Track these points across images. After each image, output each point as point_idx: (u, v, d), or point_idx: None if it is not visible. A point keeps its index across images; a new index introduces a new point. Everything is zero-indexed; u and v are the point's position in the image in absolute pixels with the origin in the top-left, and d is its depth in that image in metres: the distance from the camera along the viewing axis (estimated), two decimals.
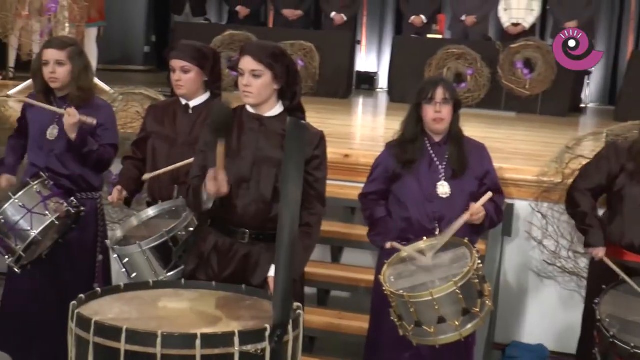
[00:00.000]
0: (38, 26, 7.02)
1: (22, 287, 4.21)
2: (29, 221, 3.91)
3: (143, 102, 5.61)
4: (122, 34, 10.97)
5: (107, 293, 3.03)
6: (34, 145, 4.20)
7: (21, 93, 7.15)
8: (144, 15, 11.49)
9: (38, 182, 4.01)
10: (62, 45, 4.13)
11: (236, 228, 3.25)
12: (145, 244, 3.52)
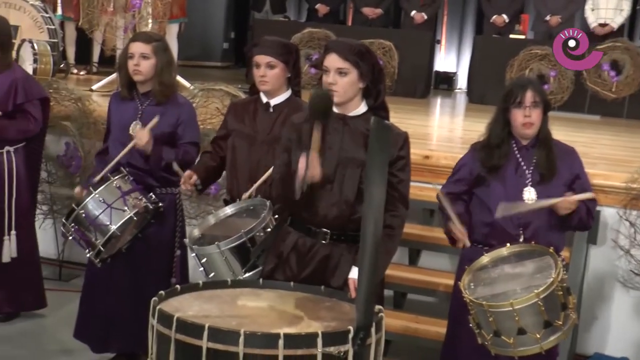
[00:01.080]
0: (122, 22, 7.10)
1: (101, 280, 4.25)
2: (108, 216, 3.95)
3: (223, 98, 5.61)
4: (201, 31, 11.06)
5: (186, 290, 3.02)
6: (116, 140, 4.22)
7: (104, 87, 7.28)
8: (223, 12, 11.57)
9: (118, 177, 4.04)
10: (148, 39, 4.15)
11: (317, 228, 3.21)
12: (224, 244, 3.50)
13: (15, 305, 5.00)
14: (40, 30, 6.92)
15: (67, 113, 5.80)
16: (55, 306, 5.19)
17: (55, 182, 5.85)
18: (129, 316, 4.19)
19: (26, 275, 4.99)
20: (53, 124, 5.41)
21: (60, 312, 5.16)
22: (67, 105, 5.83)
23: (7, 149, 4.81)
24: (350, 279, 3.12)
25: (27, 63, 6.23)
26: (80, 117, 5.74)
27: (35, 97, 4.84)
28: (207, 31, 11.32)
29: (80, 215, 3.96)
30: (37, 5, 7.15)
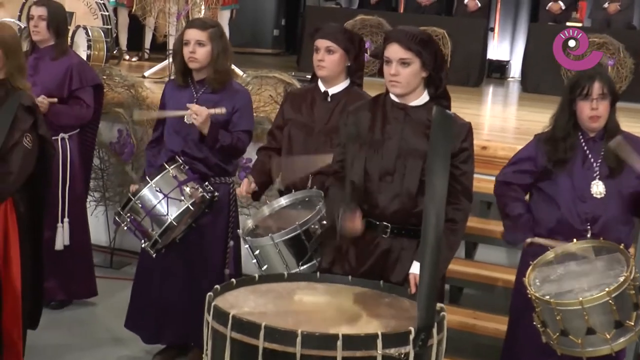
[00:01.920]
0: (175, 8, 7.07)
1: (154, 270, 4.22)
2: (165, 206, 3.91)
3: (276, 86, 5.54)
4: (252, 17, 11.01)
5: (242, 284, 2.97)
6: (171, 129, 4.17)
7: (156, 74, 7.26)
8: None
9: (174, 167, 3.99)
10: (204, 26, 4.09)
11: (377, 222, 3.12)
12: (278, 236, 3.43)
13: (68, 293, 5.01)
14: (95, 17, 6.92)
15: (120, 100, 5.79)
16: (106, 294, 5.18)
17: (107, 169, 5.85)
18: (182, 307, 4.17)
19: (78, 264, 4.99)
20: (106, 110, 5.40)
21: (111, 301, 5.16)
22: (120, 92, 5.81)
23: (62, 136, 4.81)
24: (411, 275, 3.03)
25: (81, 49, 6.23)
26: (133, 104, 5.72)
27: (89, 83, 4.84)
28: (258, 18, 11.27)
29: (137, 205, 3.93)
30: None
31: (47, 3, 4.84)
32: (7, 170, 3.62)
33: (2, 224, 3.75)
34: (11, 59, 3.75)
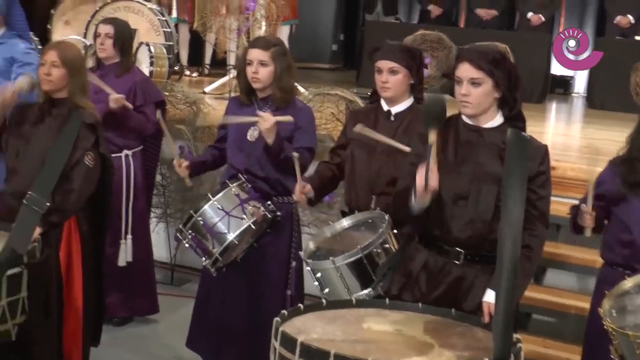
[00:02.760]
0: (235, 24, 7.08)
1: (216, 289, 4.17)
2: (226, 224, 3.86)
3: (338, 103, 5.48)
4: (311, 32, 10.98)
5: (309, 310, 2.90)
6: (234, 146, 4.13)
7: (217, 90, 7.26)
8: (333, 13, 11.48)
9: (236, 185, 3.95)
10: (267, 45, 4.04)
11: (450, 247, 3.02)
12: (339, 260, 3.35)
13: (130, 309, 5.01)
14: (157, 33, 6.95)
15: (181, 116, 5.80)
16: (167, 311, 5.17)
17: (169, 186, 5.85)
18: (243, 328, 4.11)
19: (140, 280, 4.99)
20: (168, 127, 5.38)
21: (172, 318, 5.14)
22: (182, 109, 5.82)
23: (125, 153, 4.84)
24: (485, 303, 2.92)
25: (144, 66, 6.26)
26: (194, 120, 5.72)
27: (152, 100, 4.89)
28: (317, 33, 11.24)
29: (198, 223, 3.89)
30: (155, 8, 7.19)
31: (113, 21, 4.88)
32: (69, 188, 3.64)
33: (66, 242, 3.77)
34: (75, 78, 3.78)
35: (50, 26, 7.53)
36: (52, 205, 3.56)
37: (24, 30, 5.12)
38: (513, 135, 2.94)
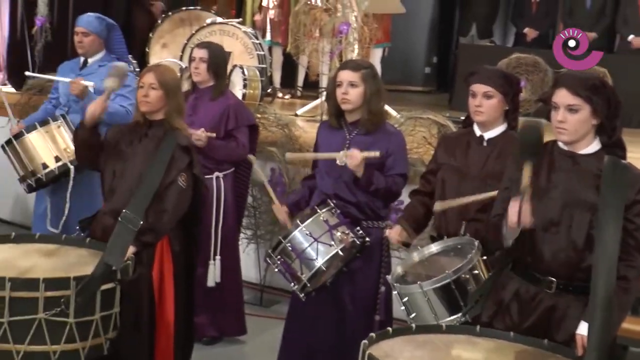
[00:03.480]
0: (328, 47, 7.12)
1: (305, 312, 4.17)
2: (315, 250, 3.86)
3: (430, 127, 5.43)
4: (403, 55, 10.95)
5: (398, 334, 2.88)
6: (323, 171, 4.14)
7: (309, 112, 7.31)
8: (426, 36, 11.43)
9: (325, 210, 3.95)
10: (357, 67, 4.05)
11: (542, 276, 2.94)
12: (427, 284, 3.31)
13: (219, 329, 5.06)
14: (250, 56, 7.06)
15: (273, 139, 5.84)
16: (255, 332, 5.19)
17: (259, 207, 5.90)
18: (331, 353, 4.09)
19: (229, 301, 5.04)
20: (260, 149, 5.46)
21: (260, 339, 5.16)
22: (274, 131, 5.87)
23: (217, 174, 4.91)
24: (578, 335, 2.83)
25: (237, 88, 6.36)
26: (286, 143, 5.76)
27: (244, 123, 4.94)
28: (409, 55, 11.21)
29: (287, 248, 3.91)
30: (249, 31, 7.31)
31: (208, 45, 4.97)
32: (162, 208, 3.71)
33: (158, 262, 3.84)
34: (171, 100, 3.87)
35: (148, 49, 7.74)
36: (146, 224, 3.64)
37: (123, 53, 5.28)
38: (610, 162, 2.86)
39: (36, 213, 5.26)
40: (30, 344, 3.20)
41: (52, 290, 3.19)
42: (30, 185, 4.87)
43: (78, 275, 3.26)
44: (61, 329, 3.23)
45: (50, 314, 3.20)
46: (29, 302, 3.18)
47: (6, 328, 3.16)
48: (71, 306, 3.23)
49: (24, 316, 3.18)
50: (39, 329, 3.20)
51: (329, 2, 7.02)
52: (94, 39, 5.11)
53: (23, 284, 3.18)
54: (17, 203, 7.55)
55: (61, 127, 4.87)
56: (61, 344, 3.25)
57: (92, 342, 3.34)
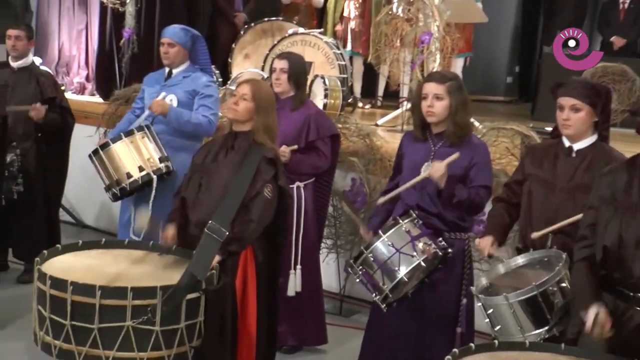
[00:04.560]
0: (410, 57, 7.09)
1: (385, 323, 4.14)
2: (397, 261, 3.85)
3: (513, 138, 5.35)
4: (485, 64, 10.81)
5: (481, 350, 2.84)
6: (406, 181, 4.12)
7: (389, 122, 7.28)
8: (508, 45, 11.25)
9: (408, 221, 3.93)
10: (442, 79, 4.02)
11: (631, 293, 2.86)
12: (513, 296, 3.26)
13: (299, 339, 5.08)
14: (332, 66, 7.08)
15: (354, 149, 5.85)
16: (335, 342, 5.20)
17: (340, 217, 5.90)
18: None
19: (310, 310, 5.06)
20: (341, 159, 5.46)
21: (340, 349, 5.16)
22: (355, 141, 5.87)
23: (298, 184, 4.93)
24: None
25: (318, 98, 6.38)
26: (367, 153, 5.76)
27: (326, 134, 4.95)
28: (491, 65, 11.05)
29: (369, 259, 3.90)
30: (330, 42, 7.34)
31: (288, 56, 5.01)
32: (248, 218, 3.75)
33: (242, 271, 3.87)
34: (260, 116, 3.91)
35: (230, 60, 7.84)
36: (231, 235, 3.69)
37: (207, 64, 5.35)
38: None
39: (121, 221, 5.38)
40: (119, 351, 3.28)
41: (140, 299, 3.27)
42: (115, 194, 4.98)
43: (164, 285, 3.32)
44: (148, 337, 3.30)
45: (137, 322, 3.26)
46: (118, 310, 3.26)
47: (96, 334, 3.25)
48: (157, 315, 3.29)
49: (112, 323, 3.25)
50: (127, 336, 3.27)
51: (411, 12, 6.99)
52: (179, 50, 5.20)
53: (112, 292, 3.26)
54: (102, 210, 7.74)
55: (145, 138, 4.96)
56: (148, 352, 3.32)
57: (177, 350, 3.41)
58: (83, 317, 3.25)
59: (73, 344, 3.28)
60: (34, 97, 5.97)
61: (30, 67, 6.14)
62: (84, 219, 7.98)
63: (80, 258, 3.72)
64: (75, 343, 3.27)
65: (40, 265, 3.47)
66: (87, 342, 3.26)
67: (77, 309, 3.25)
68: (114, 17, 8.22)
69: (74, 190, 7.25)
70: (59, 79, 8.70)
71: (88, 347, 3.26)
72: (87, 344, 3.26)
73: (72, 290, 3.23)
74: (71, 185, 6.67)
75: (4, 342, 5.00)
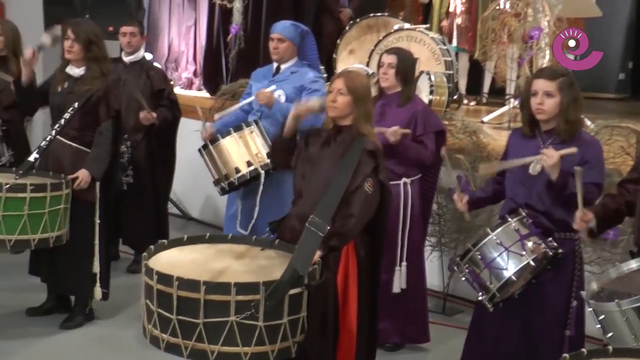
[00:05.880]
0: (517, 53, 6.94)
1: (490, 324, 4.06)
2: (505, 260, 3.77)
3: (628, 136, 5.16)
4: None
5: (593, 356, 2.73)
6: (515, 179, 4.02)
7: (495, 119, 7.16)
8: (622, 40, 10.87)
9: (516, 220, 3.85)
10: (553, 75, 3.90)
11: None
12: (626, 303, 3.11)
13: (401, 336, 5.04)
14: (437, 62, 6.99)
15: (460, 146, 5.76)
16: (438, 340, 5.15)
17: (444, 215, 5.83)
18: None
19: (413, 308, 5.01)
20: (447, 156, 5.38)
21: (443, 348, 5.11)
22: (461, 138, 5.79)
23: (404, 180, 4.89)
24: None
25: (424, 94, 6.31)
26: (473, 150, 5.66)
27: (432, 129, 4.91)
28: (603, 61, 10.67)
29: (476, 257, 3.83)
30: (436, 37, 7.25)
31: (397, 51, 4.98)
32: (349, 213, 3.73)
33: (343, 267, 3.85)
34: (359, 106, 3.87)
35: (335, 55, 7.85)
36: (332, 229, 3.68)
37: (315, 60, 5.37)
38: None
39: (227, 214, 5.46)
40: (224, 345, 3.30)
41: (243, 294, 3.28)
42: (224, 188, 5.05)
43: (267, 281, 3.33)
44: (251, 332, 3.31)
45: (241, 317, 3.29)
46: (222, 305, 3.28)
47: (201, 329, 3.28)
48: (261, 310, 3.30)
49: (217, 318, 3.29)
50: (231, 331, 3.29)
51: (519, 7, 6.84)
52: (288, 45, 5.23)
53: (216, 287, 3.29)
54: (207, 203, 7.89)
55: (254, 133, 5.02)
56: (252, 347, 3.33)
57: (280, 345, 3.41)
58: (189, 311, 3.29)
59: (180, 338, 3.32)
60: (145, 90, 6.14)
61: (141, 61, 6.31)
62: (190, 211, 8.15)
63: (185, 253, 3.78)
64: (181, 337, 3.32)
65: (147, 260, 3.54)
66: (193, 337, 3.29)
67: (183, 304, 3.29)
68: (222, 14, 8.36)
69: (180, 183, 7.41)
70: (168, 74, 8.91)
71: (194, 341, 3.30)
72: (193, 339, 3.30)
73: (178, 286, 3.28)
74: (177, 178, 6.82)
75: (115, 329, 5.16)
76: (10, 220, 4.54)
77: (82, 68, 5.02)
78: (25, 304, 5.35)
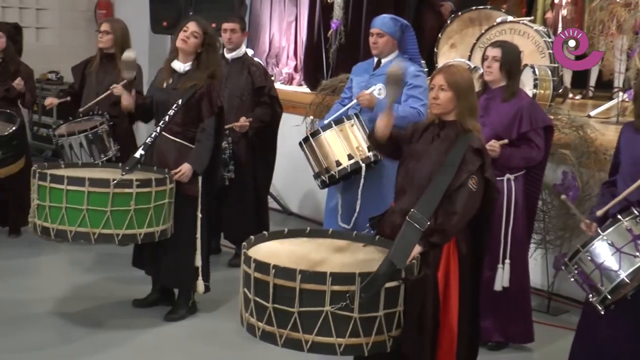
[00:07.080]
0: (626, 45, 6.70)
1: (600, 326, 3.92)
2: (617, 261, 3.64)
3: None
4: None
5: None
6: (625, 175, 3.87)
7: (602, 114, 6.94)
8: None
9: (629, 219, 3.71)
10: None
11: None
12: None
13: (504, 335, 4.93)
14: (542, 55, 6.81)
15: (566, 141, 5.60)
16: (542, 341, 5.02)
17: (549, 212, 5.67)
18: None
19: (516, 306, 4.90)
20: (552, 151, 5.24)
21: (548, 348, 4.98)
22: (567, 133, 5.62)
23: (508, 176, 4.78)
24: None
25: (527, 88, 6.15)
26: (580, 145, 5.49)
27: (539, 125, 4.78)
28: None
29: (585, 258, 3.72)
30: (541, 30, 7.06)
31: (502, 44, 4.86)
32: (452, 210, 3.66)
33: (445, 263, 3.79)
34: (462, 101, 3.80)
35: (436, 49, 7.75)
36: (433, 225, 3.62)
37: (415, 54, 5.31)
38: None
39: (327, 208, 5.45)
40: (318, 335, 3.30)
41: (339, 284, 3.27)
42: (324, 181, 5.05)
43: (363, 272, 3.32)
44: (346, 323, 3.30)
45: (336, 308, 3.28)
46: (317, 294, 3.28)
47: (296, 318, 3.29)
48: (356, 301, 3.29)
49: (312, 307, 3.29)
50: (326, 321, 3.29)
51: None
52: (388, 40, 5.19)
53: (312, 276, 3.29)
54: (307, 198, 7.93)
55: (354, 126, 5.00)
56: (346, 338, 3.32)
57: (375, 338, 3.38)
58: (284, 300, 3.30)
59: (275, 326, 3.34)
60: (246, 86, 6.21)
61: (242, 57, 6.37)
62: (290, 206, 8.20)
63: (284, 245, 3.80)
64: (277, 325, 3.34)
65: (247, 249, 3.58)
66: (288, 325, 3.31)
67: (279, 292, 3.31)
68: (323, 9, 8.37)
69: (280, 178, 7.46)
70: (269, 69, 8.98)
71: (289, 330, 3.31)
72: (288, 327, 3.31)
73: (274, 274, 3.30)
74: (278, 173, 6.86)
75: (217, 322, 5.23)
76: (117, 215, 4.64)
77: (188, 64, 5.10)
78: (131, 295, 5.49)
